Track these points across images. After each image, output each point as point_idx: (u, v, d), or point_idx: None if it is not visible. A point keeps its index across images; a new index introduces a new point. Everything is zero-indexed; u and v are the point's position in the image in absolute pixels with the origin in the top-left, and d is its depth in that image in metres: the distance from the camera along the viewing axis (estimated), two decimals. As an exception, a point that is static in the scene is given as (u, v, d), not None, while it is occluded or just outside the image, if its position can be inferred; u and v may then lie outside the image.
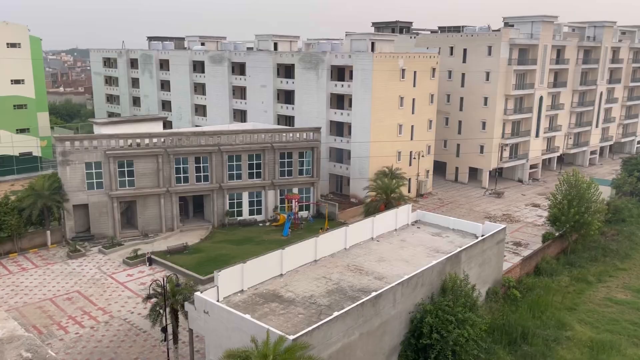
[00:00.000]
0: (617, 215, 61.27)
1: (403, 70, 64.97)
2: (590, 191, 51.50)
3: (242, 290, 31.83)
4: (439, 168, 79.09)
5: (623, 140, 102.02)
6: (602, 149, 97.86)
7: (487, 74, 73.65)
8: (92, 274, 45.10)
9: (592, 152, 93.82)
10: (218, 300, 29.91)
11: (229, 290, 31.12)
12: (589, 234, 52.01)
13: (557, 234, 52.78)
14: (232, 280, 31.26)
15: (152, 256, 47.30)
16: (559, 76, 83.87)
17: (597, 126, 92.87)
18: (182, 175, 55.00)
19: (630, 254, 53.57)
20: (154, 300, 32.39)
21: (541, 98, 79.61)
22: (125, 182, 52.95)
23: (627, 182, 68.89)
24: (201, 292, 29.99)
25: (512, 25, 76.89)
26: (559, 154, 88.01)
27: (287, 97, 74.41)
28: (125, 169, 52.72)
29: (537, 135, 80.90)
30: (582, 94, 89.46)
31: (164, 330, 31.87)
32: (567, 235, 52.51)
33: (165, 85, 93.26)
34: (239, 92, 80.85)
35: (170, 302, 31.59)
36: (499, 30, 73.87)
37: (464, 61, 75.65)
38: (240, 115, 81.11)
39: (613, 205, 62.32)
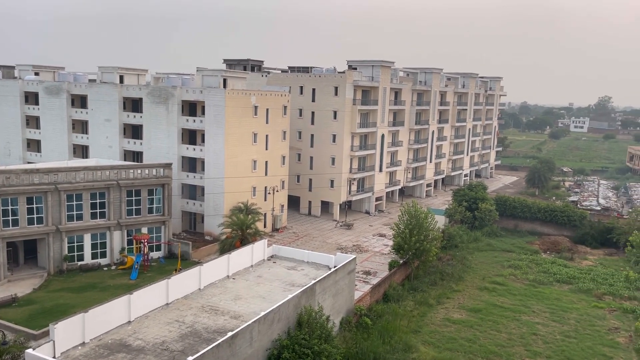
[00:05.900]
0: (450, 242, 68.13)
1: (256, 107, 65.97)
2: (428, 220, 56.52)
3: (84, 342, 29.02)
4: (293, 202, 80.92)
5: (453, 173, 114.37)
6: (436, 181, 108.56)
7: (335, 112, 77.96)
8: None
9: (428, 185, 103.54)
10: (54, 357, 26.98)
11: (68, 344, 28.22)
12: (428, 260, 56.84)
13: (401, 261, 56.80)
14: (71, 332, 28.39)
15: (-28, 312, 40.94)
16: (398, 116, 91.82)
17: (431, 161, 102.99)
18: (10, 217, 48.95)
19: (463, 276, 59.45)
20: (-28, 364, 27.99)
21: (383, 136, 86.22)
22: (-63, 228, 45.64)
23: (457, 211, 77.12)
24: (34, 349, 26.82)
25: (356, 68, 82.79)
26: (400, 187, 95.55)
27: (134, 131, 70.94)
28: (-63, 212, 45.55)
29: (380, 170, 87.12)
30: (418, 132, 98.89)
31: (-14, 398, 27.61)
32: (410, 262, 56.76)
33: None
34: (80, 126, 75.22)
35: (-7, 365, 27.54)
36: (344, 72, 78.98)
37: (313, 100, 79.35)
38: (81, 150, 75.26)
39: (447, 232, 69.20)
